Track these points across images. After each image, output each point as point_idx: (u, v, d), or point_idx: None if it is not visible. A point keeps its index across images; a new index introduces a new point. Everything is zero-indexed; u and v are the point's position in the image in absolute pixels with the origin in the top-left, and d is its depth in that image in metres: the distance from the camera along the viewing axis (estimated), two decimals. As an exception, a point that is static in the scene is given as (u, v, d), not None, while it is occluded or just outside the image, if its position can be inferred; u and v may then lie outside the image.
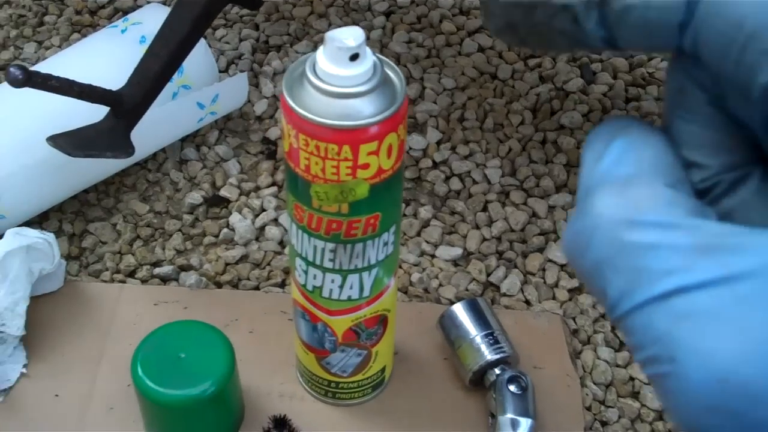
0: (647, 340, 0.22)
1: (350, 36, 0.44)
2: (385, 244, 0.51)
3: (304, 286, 0.53)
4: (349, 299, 0.53)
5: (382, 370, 0.60)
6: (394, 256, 0.53)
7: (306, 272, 0.52)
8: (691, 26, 0.23)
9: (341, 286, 0.52)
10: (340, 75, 0.44)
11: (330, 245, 0.50)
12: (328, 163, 0.45)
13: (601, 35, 0.25)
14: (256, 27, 0.92)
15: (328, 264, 0.51)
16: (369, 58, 0.45)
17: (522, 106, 0.83)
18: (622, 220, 0.23)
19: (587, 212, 0.24)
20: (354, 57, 0.44)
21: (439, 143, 0.80)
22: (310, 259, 0.51)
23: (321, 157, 0.45)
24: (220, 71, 0.83)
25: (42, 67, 0.70)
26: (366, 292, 0.53)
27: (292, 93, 0.45)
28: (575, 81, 0.86)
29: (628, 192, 0.24)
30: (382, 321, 0.56)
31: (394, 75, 0.47)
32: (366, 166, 0.46)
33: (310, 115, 0.44)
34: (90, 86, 0.63)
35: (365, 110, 0.44)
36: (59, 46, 0.89)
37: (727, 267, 0.21)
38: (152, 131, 0.71)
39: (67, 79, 0.62)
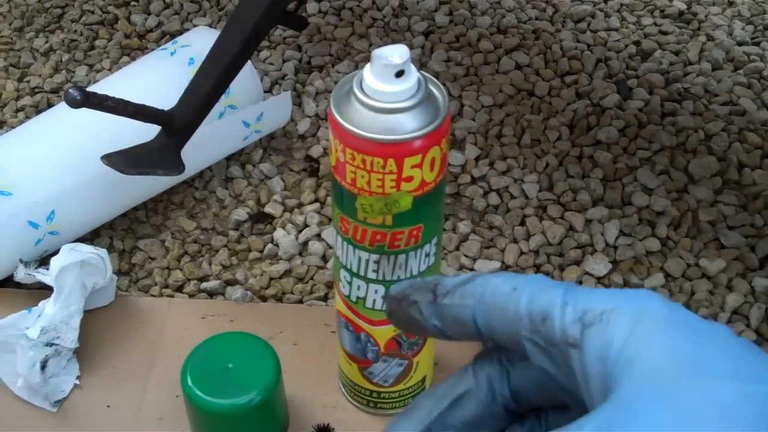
0: None
1: (396, 53, 0.45)
2: (427, 255, 0.53)
3: (348, 296, 0.55)
4: None
5: (423, 380, 0.62)
6: (435, 267, 0.54)
7: (350, 283, 0.54)
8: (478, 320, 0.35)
9: (384, 297, 0.54)
10: (386, 91, 0.46)
11: (374, 256, 0.52)
12: (374, 176, 0.47)
13: (435, 325, 0.36)
14: (299, 48, 0.94)
15: (371, 275, 0.53)
16: (414, 74, 0.47)
17: (559, 122, 0.85)
18: None
19: None
20: (399, 74, 0.46)
21: (477, 159, 0.82)
22: (355, 270, 0.53)
23: (367, 170, 0.47)
24: (264, 91, 0.85)
25: (96, 89, 0.73)
26: None
27: (340, 109, 0.47)
28: (611, 97, 0.87)
29: None
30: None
31: (437, 91, 0.49)
32: (410, 179, 0.47)
33: (356, 130, 0.46)
34: (143, 106, 0.66)
35: (410, 125, 0.46)
36: (110, 69, 0.93)
37: None
38: (200, 150, 0.74)
39: (122, 100, 0.65)
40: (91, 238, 0.76)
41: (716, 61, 0.92)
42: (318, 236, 0.76)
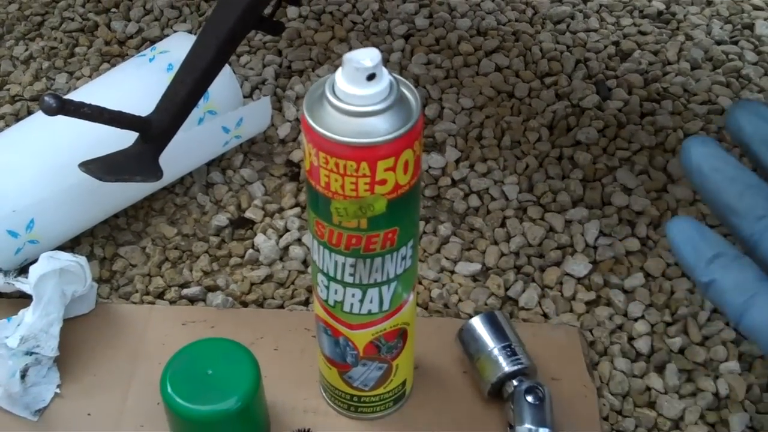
0: None
1: (367, 57, 0.46)
2: (404, 258, 0.53)
3: (326, 301, 0.55)
4: (369, 313, 0.55)
5: (403, 383, 0.62)
6: (412, 270, 0.54)
7: (327, 287, 0.54)
8: None
9: (361, 300, 0.54)
10: (358, 94, 0.46)
11: (350, 260, 0.52)
12: (347, 179, 0.47)
13: None
14: (279, 53, 0.94)
15: (348, 279, 0.53)
16: (385, 77, 0.47)
17: (539, 123, 0.85)
18: None
19: None
20: (371, 77, 0.46)
21: (457, 161, 0.82)
22: (332, 274, 0.53)
23: (340, 174, 0.47)
24: (244, 96, 0.85)
25: (73, 96, 0.72)
26: (386, 306, 0.55)
27: (312, 113, 0.47)
28: (591, 98, 0.87)
29: None
30: (401, 334, 0.58)
31: (410, 93, 0.49)
32: (383, 182, 0.48)
33: (329, 134, 0.46)
34: (120, 113, 0.66)
35: (382, 128, 0.46)
36: (90, 76, 0.92)
37: None
38: (179, 155, 0.74)
39: (98, 107, 0.64)
40: (71, 245, 0.75)
41: (695, 60, 0.93)
42: (299, 241, 0.76)
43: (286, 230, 0.77)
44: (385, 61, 0.92)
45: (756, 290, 0.34)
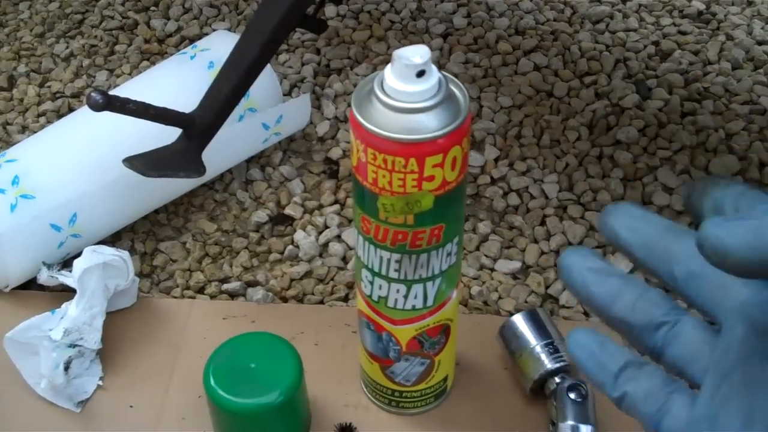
0: None
1: (417, 54, 0.46)
2: (449, 254, 0.53)
3: (370, 296, 0.55)
4: (413, 309, 0.55)
5: (445, 379, 0.62)
6: (456, 266, 0.54)
7: (372, 283, 0.54)
8: None
9: (406, 296, 0.54)
10: (407, 91, 0.46)
11: (395, 256, 0.52)
12: (395, 175, 0.47)
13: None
14: (318, 51, 0.95)
15: (393, 274, 0.53)
16: (434, 74, 0.47)
17: (578, 122, 0.85)
18: None
19: None
20: (420, 74, 0.46)
21: (497, 160, 0.82)
22: (376, 269, 0.53)
23: (388, 170, 0.47)
24: (283, 94, 0.85)
25: (116, 94, 0.73)
26: (429, 302, 0.55)
27: (361, 109, 0.48)
28: (631, 97, 0.87)
29: None
30: (444, 330, 0.58)
31: (458, 91, 0.49)
32: (431, 179, 0.48)
33: (378, 130, 0.46)
34: (164, 109, 0.66)
35: (431, 124, 0.46)
36: (129, 74, 0.93)
37: None
38: (220, 152, 0.74)
39: (144, 103, 0.65)
40: (112, 240, 0.76)
41: (736, 60, 0.92)
42: (338, 237, 0.76)
43: (326, 227, 0.77)
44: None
45: (666, 397, 0.33)
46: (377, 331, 0.57)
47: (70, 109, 0.90)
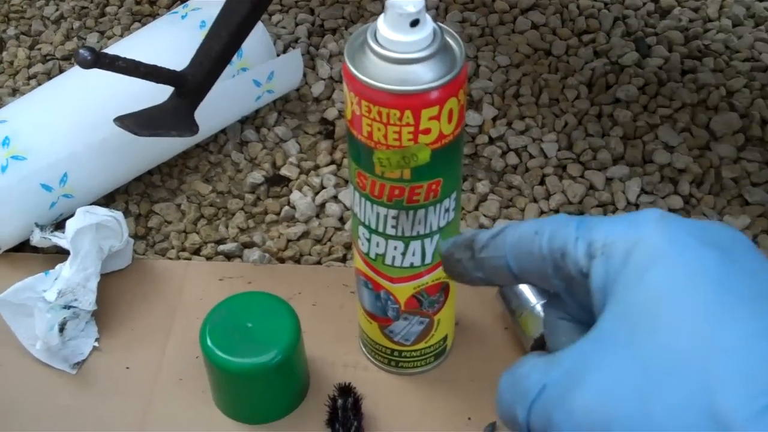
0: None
1: (410, 2, 0.45)
2: (447, 210, 0.52)
3: (367, 254, 0.54)
4: (412, 266, 0.54)
5: (444, 338, 0.61)
6: (455, 222, 0.53)
7: (369, 240, 0.53)
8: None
9: (403, 253, 0.53)
10: (401, 41, 0.45)
11: (392, 212, 0.51)
12: (390, 128, 0.46)
13: (479, 277, 0.40)
14: (312, 11, 0.93)
15: (390, 231, 0.52)
16: (429, 24, 0.46)
17: (577, 81, 0.84)
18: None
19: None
20: (414, 23, 0.45)
21: (494, 119, 0.81)
22: (373, 226, 0.52)
23: (383, 123, 0.46)
24: (277, 55, 0.84)
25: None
26: (428, 259, 0.54)
27: (354, 61, 0.46)
28: (630, 55, 0.86)
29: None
30: (443, 289, 0.57)
31: (454, 41, 0.48)
32: (427, 131, 0.47)
33: (372, 81, 0.45)
34: (155, 67, 0.65)
35: (426, 75, 0.45)
36: (121, 36, 0.92)
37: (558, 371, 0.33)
38: (212, 110, 0.73)
39: (133, 60, 0.64)
40: (106, 202, 0.75)
41: (737, 17, 0.90)
42: (335, 198, 0.75)
43: (322, 187, 0.76)
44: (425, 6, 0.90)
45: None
46: (375, 289, 0.56)
47: (61, 71, 0.88)
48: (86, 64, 0.61)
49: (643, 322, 0.30)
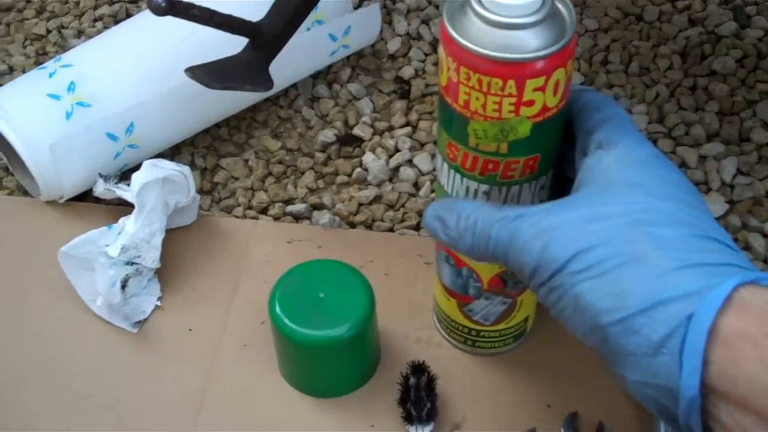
0: None
1: None
2: (542, 188, 0.48)
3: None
4: None
5: (525, 320, 0.58)
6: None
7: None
8: None
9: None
10: (508, 3, 0.41)
11: (484, 187, 0.47)
12: (490, 98, 0.43)
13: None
14: (389, -37, 0.89)
15: None
16: None
17: (670, 50, 0.79)
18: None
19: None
20: None
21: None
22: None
23: (483, 92, 0.42)
24: (354, 8, 0.80)
25: None
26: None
27: (454, 23, 0.43)
28: (728, 25, 0.80)
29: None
30: None
31: (564, 7, 0.44)
32: (530, 103, 0.43)
33: (474, 47, 0.41)
34: (230, 17, 0.62)
35: (533, 43, 0.41)
36: (190, -21, 0.88)
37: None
38: (284, 64, 0.69)
39: (209, 9, 0.60)
40: (171, 154, 0.72)
41: (844, -12, 0.85)
42: (410, 162, 0.71)
43: (397, 150, 0.72)
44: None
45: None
46: (457, 266, 0.53)
47: (128, 15, 0.85)
48: (160, 11, 0.58)
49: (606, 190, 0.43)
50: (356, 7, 0.83)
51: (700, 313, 0.35)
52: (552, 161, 0.47)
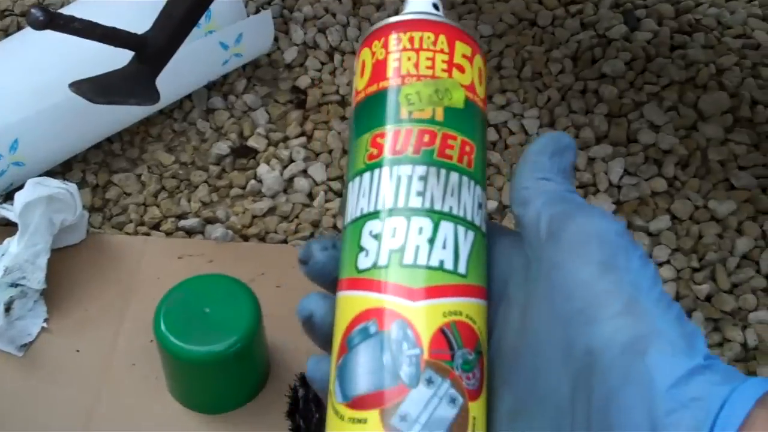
0: None
1: None
2: (480, 203, 0.38)
3: (375, 264, 0.35)
4: (442, 267, 0.35)
5: None
6: (480, 237, 0.38)
7: (379, 236, 0.35)
8: None
9: (431, 240, 0.36)
10: None
11: (420, 169, 0.36)
12: (423, 55, 0.40)
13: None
14: (286, -28, 0.89)
15: (415, 201, 0.36)
16: None
17: (562, 54, 0.80)
18: None
19: None
20: None
21: (474, 92, 0.77)
22: (390, 203, 0.36)
23: (414, 50, 0.40)
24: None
25: (65, 12, 0.68)
26: (462, 264, 0.36)
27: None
28: (618, 28, 0.82)
29: None
30: (478, 343, 0.35)
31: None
32: (461, 69, 0.40)
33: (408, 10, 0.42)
34: (114, 29, 0.61)
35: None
36: (83, -8, 0.87)
37: None
38: (176, 75, 0.69)
39: (91, 22, 0.59)
40: (62, 171, 0.71)
41: (729, -9, 0.87)
42: (304, 172, 0.71)
43: (291, 161, 0.72)
44: (399, -17, 0.86)
45: None
46: (381, 327, 0.34)
47: (19, 28, 0.84)
48: (38, 25, 0.57)
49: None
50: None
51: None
52: (482, 172, 0.39)
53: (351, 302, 0.36)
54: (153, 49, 0.64)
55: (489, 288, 0.37)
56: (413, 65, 0.39)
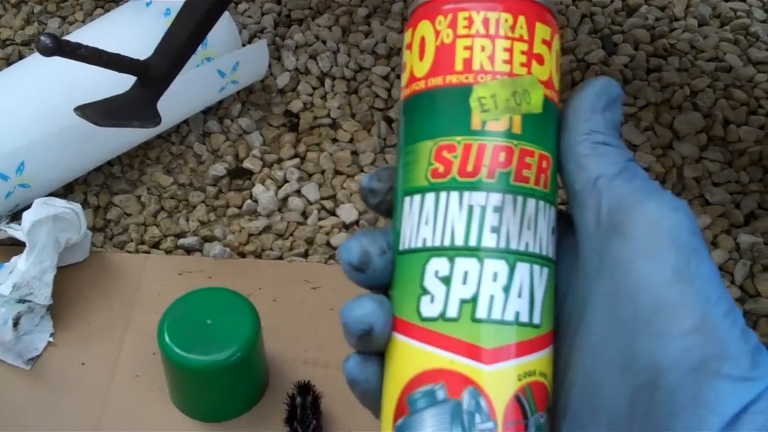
0: None
1: None
2: (554, 228, 0.32)
3: (443, 315, 0.30)
4: (517, 321, 0.30)
5: None
6: (551, 272, 0.32)
7: (448, 279, 0.30)
8: None
9: (506, 289, 0.31)
10: None
11: (494, 197, 0.31)
12: (499, 43, 0.32)
13: None
14: (278, 1, 0.92)
15: (489, 240, 0.31)
16: None
17: (543, 77, 0.83)
18: None
19: None
20: None
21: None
22: (460, 240, 0.31)
23: (489, 36, 0.32)
24: (243, 45, 0.83)
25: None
26: (537, 312, 0.31)
27: None
28: (596, 52, 0.86)
29: None
30: (548, 400, 0.31)
31: None
32: (540, 60, 0.33)
33: None
34: (118, 55, 0.64)
35: None
36: (83, 21, 0.90)
37: None
38: (175, 101, 0.71)
39: (96, 48, 0.62)
40: (64, 193, 0.74)
41: (702, 17, 0.91)
42: (298, 192, 0.74)
43: (285, 181, 0.75)
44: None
45: None
46: (452, 393, 0.29)
47: (20, 57, 0.87)
48: (47, 52, 0.60)
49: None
50: (245, 44, 0.86)
51: None
52: (556, 194, 0.33)
53: (413, 354, 0.31)
54: (155, 74, 0.67)
55: None
56: (488, 58, 0.32)
